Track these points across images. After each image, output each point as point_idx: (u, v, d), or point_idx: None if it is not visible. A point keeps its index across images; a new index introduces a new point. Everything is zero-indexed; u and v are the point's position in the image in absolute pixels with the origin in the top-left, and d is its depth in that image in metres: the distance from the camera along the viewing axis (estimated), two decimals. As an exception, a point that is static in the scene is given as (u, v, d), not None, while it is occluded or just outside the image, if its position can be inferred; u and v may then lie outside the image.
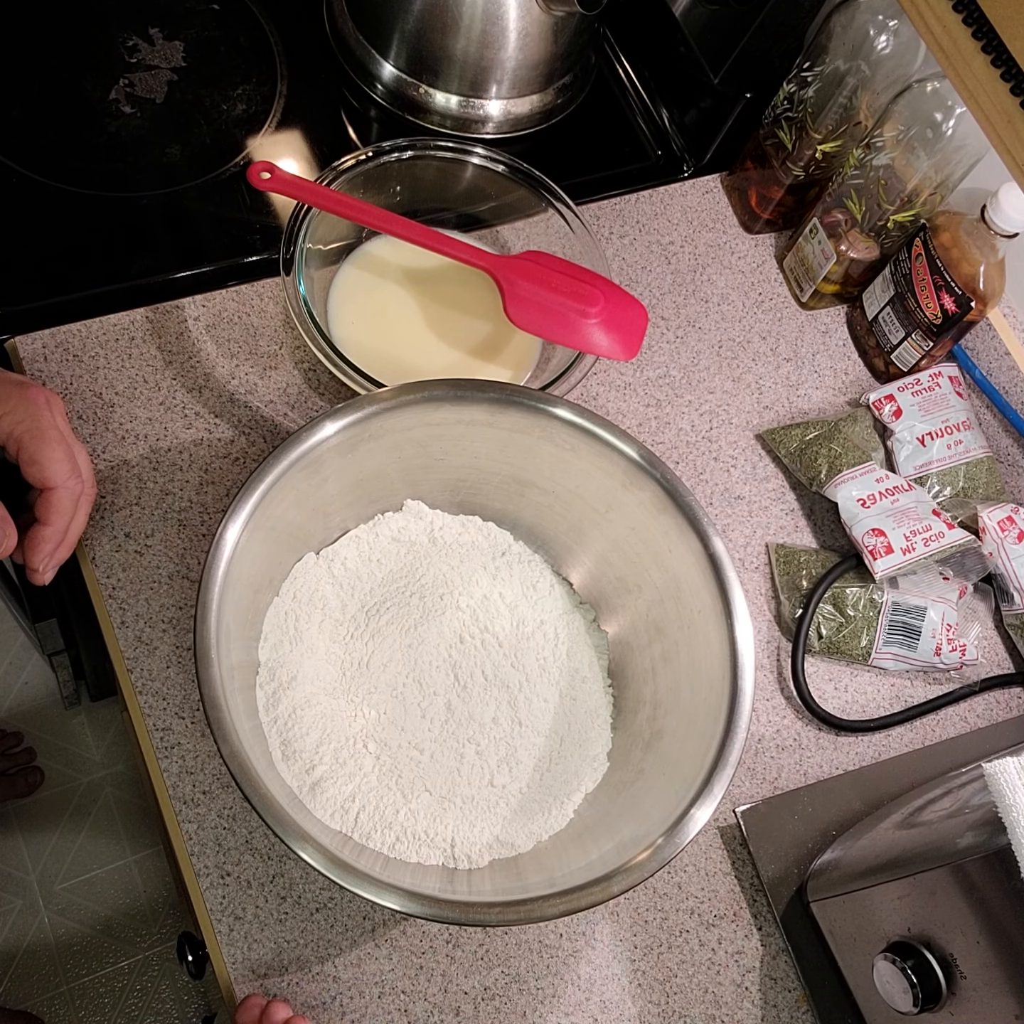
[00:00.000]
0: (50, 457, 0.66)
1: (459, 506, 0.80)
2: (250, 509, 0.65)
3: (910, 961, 0.63)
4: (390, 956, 0.72)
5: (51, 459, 0.66)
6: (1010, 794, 0.55)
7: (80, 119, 0.93)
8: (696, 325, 0.97)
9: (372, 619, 0.74)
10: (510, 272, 0.83)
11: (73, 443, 0.68)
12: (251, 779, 0.59)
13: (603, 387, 0.92)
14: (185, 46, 0.98)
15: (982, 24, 0.49)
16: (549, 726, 0.74)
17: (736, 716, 0.65)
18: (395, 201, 0.90)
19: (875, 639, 0.84)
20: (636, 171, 1.02)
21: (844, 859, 0.73)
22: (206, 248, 0.91)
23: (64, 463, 0.67)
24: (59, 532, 0.68)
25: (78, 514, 0.69)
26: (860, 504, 0.85)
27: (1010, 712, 0.88)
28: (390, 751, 0.71)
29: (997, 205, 0.81)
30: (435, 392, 0.71)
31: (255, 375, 0.86)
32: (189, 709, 0.76)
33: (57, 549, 0.68)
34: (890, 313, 0.92)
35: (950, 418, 0.91)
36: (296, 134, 0.98)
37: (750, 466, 0.92)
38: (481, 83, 0.97)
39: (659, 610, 0.74)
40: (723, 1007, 0.75)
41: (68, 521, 0.68)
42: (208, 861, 0.72)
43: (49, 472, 0.66)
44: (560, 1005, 0.73)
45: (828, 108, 0.88)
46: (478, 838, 0.70)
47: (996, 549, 0.85)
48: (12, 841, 1.55)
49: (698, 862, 0.78)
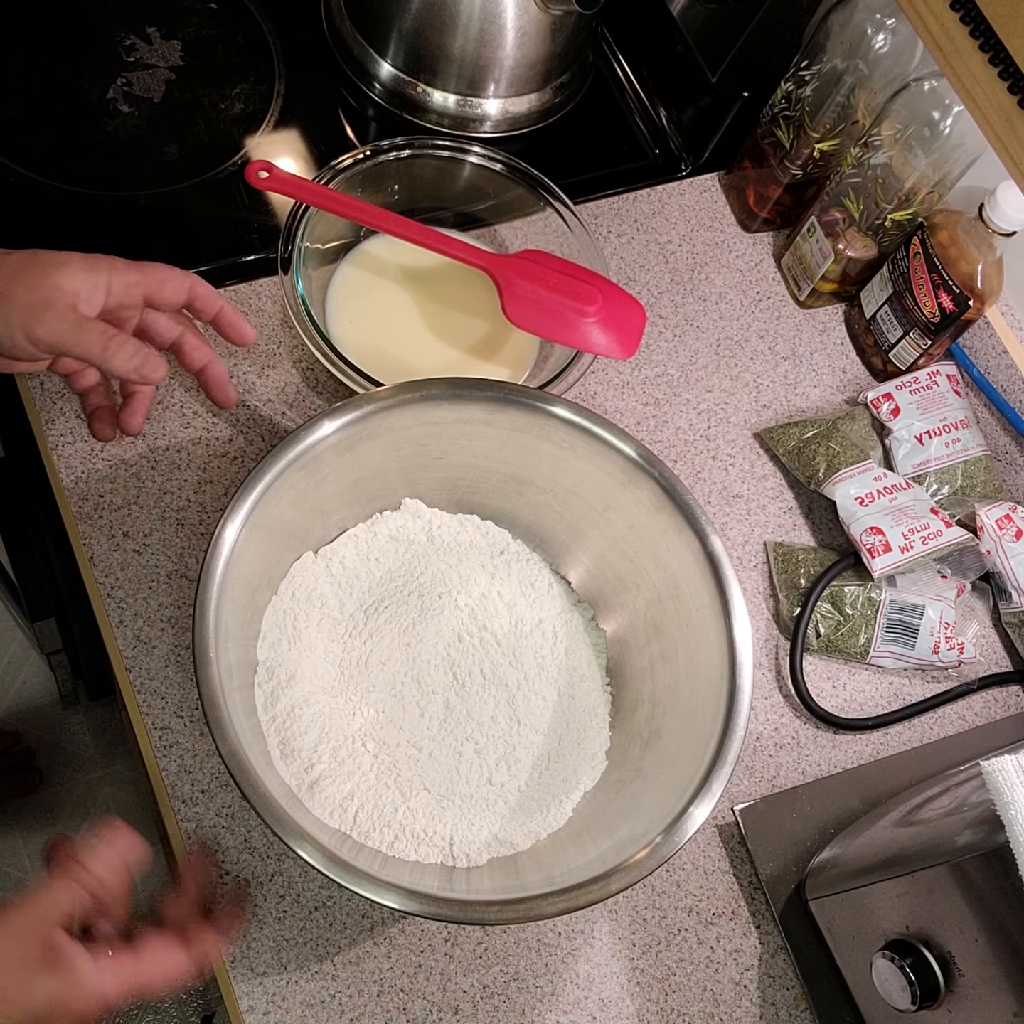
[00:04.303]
0: (165, 270, 0.72)
1: (457, 505, 0.80)
2: (248, 508, 0.65)
3: (908, 959, 0.63)
4: (389, 954, 0.72)
5: (167, 270, 0.72)
6: (1008, 792, 0.55)
7: (78, 118, 0.93)
8: (694, 324, 0.97)
9: (370, 618, 0.74)
10: (508, 271, 0.83)
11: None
12: (249, 778, 0.59)
13: (601, 386, 0.92)
14: (183, 45, 0.98)
15: (979, 22, 0.49)
16: (547, 724, 0.74)
17: (734, 714, 0.65)
18: (393, 200, 0.90)
19: (873, 637, 0.84)
20: (634, 170, 1.02)
21: (842, 857, 0.73)
22: (204, 247, 0.91)
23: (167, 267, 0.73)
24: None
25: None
26: (858, 502, 0.85)
27: (1008, 710, 0.88)
28: (389, 749, 0.71)
29: (995, 203, 0.81)
30: (433, 391, 0.71)
31: (253, 374, 0.86)
32: (187, 708, 0.76)
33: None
34: (888, 312, 0.92)
35: (948, 416, 0.91)
36: (294, 133, 0.98)
37: (748, 464, 0.92)
38: (479, 82, 0.97)
39: (657, 609, 0.74)
40: (721, 1005, 0.75)
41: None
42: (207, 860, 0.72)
43: (174, 274, 0.73)
44: (559, 1003, 0.73)
45: (826, 107, 0.88)
46: (477, 836, 0.70)
47: (994, 547, 0.85)
48: (11, 840, 1.55)
49: (696, 860, 0.78)
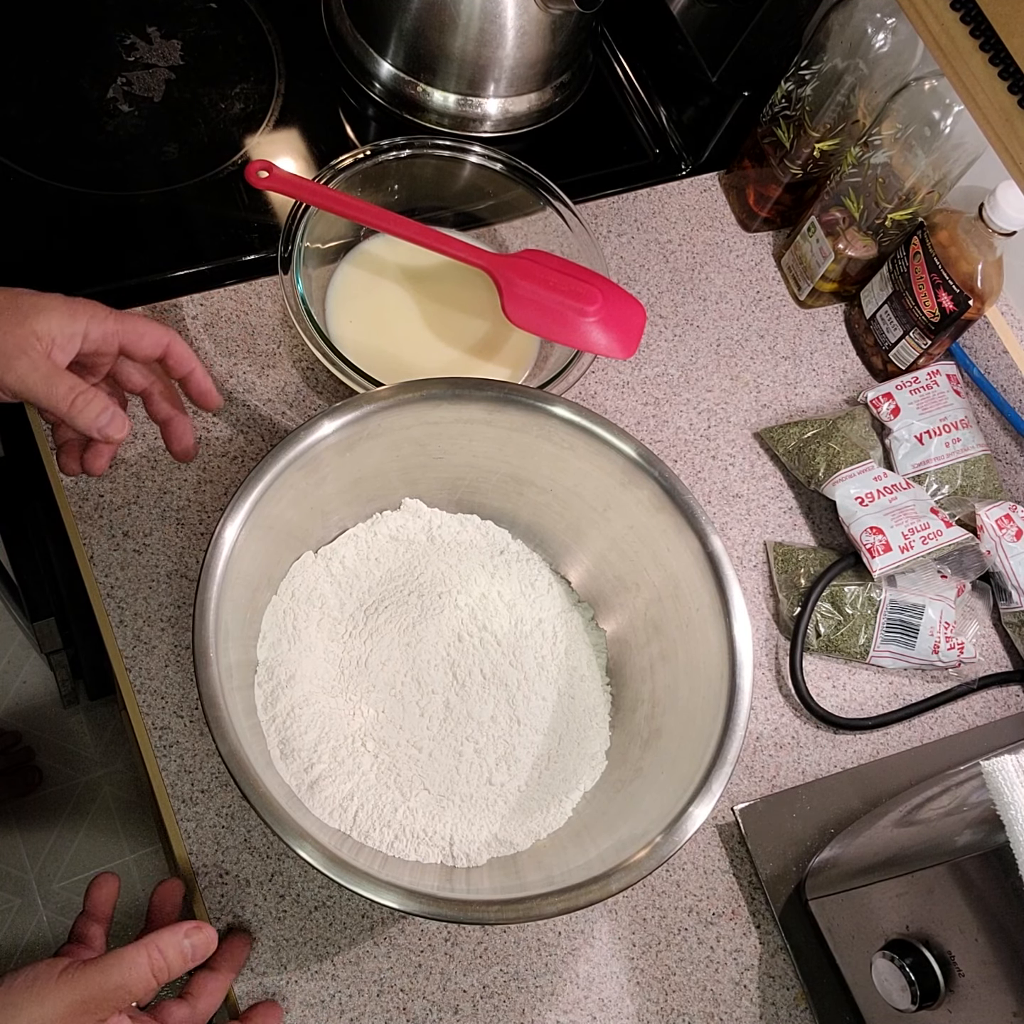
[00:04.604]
0: (144, 323, 0.70)
1: (457, 504, 0.80)
2: (248, 508, 0.65)
3: (908, 959, 0.63)
4: (389, 954, 0.72)
5: (145, 324, 0.70)
6: (1008, 792, 0.55)
7: (78, 118, 0.93)
8: (694, 323, 0.97)
9: (370, 618, 0.74)
10: (508, 271, 0.83)
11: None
12: (249, 778, 0.59)
13: (601, 385, 0.92)
14: (183, 45, 0.98)
15: (980, 22, 0.49)
16: (547, 724, 0.74)
17: (734, 714, 0.65)
18: (393, 200, 0.90)
19: (873, 637, 0.84)
20: (634, 169, 1.02)
21: (842, 857, 0.73)
22: (204, 247, 0.91)
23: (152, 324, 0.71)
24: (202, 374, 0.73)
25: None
26: (858, 502, 0.85)
27: (1008, 710, 0.88)
28: (388, 749, 0.71)
29: (995, 203, 0.81)
30: (433, 391, 0.71)
31: (253, 374, 0.86)
32: (187, 708, 0.76)
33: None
34: (888, 311, 0.92)
35: (948, 416, 0.91)
36: (294, 133, 0.98)
37: (748, 464, 0.92)
38: (479, 81, 0.97)
39: (657, 608, 0.74)
40: (721, 1005, 0.75)
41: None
42: (207, 860, 0.72)
43: (153, 328, 0.70)
44: (559, 1003, 0.73)
45: (826, 106, 0.88)
46: (476, 836, 0.70)
47: (994, 547, 0.85)
48: (10, 840, 1.55)
49: (696, 860, 0.78)
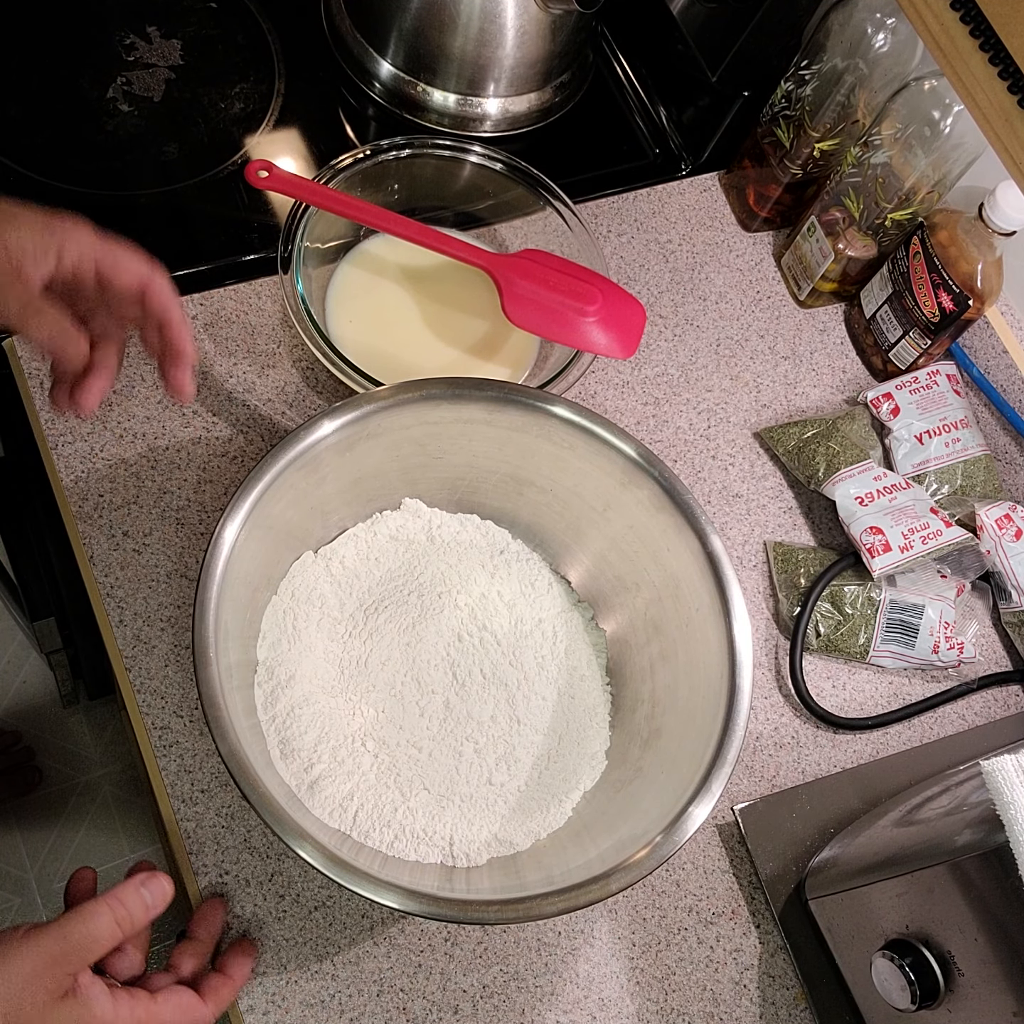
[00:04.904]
0: (128, 252, 0.63)
1: (457, 504, 0.80)
2: (248, 508, 0.65)
3: (908, 958, 0.63)
4: (389, 954, 0.72)
5: (130, 253, 0.63)
6: (1008, 792, 0.55)
7: (78, 117, 0.93)
8: (694, 323, 0.97)
9: (370, 618, 0.74)
10: (508, 270, 0.83)
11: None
12: (249, 777, 0.59)
13: (601, 385, 0.92)
14: (183, 44, 0.98)
15: (979, 22, 0.49)
16: (547, 724, 0.74)
17: (734, 714, 0.65)
18: (393, 199, 0.90)
19: (873, 637, 0.84)
20: (634, 169, 1.02)
21: (842, 857, 0.73)
22: (204, 247, 0.91)
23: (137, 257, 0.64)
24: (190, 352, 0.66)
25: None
26: (858, 502, 0.85)
27: (1008, 710, 0.88)
28: (388, 749, 0.71)
29: (995, 203, 0.81)
30: (433, 391, 0.71)
31: (253, 373, 0.86)
32: (187, 708, 0.76)
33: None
34: (888, 311, 0.92)
35: (948, 416, 0.91)
36: (294, 132, 0.98)
37: (748, 464, 0.92)
38: (479, 81, 0.97)
39: (657, 608, 0.74)
40: (721, 1004, 0.75)
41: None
42: (207, 859, 0.72)
43: (136, 259, 0.64)
44: (558, 1003, 0.73)
45: (826, 106, 0.88)
46: (476, 836, 0.70)
47: (994, 547, 0.85)
48: (10, 839, 1.55)
49: (696, 860, 0.78)
